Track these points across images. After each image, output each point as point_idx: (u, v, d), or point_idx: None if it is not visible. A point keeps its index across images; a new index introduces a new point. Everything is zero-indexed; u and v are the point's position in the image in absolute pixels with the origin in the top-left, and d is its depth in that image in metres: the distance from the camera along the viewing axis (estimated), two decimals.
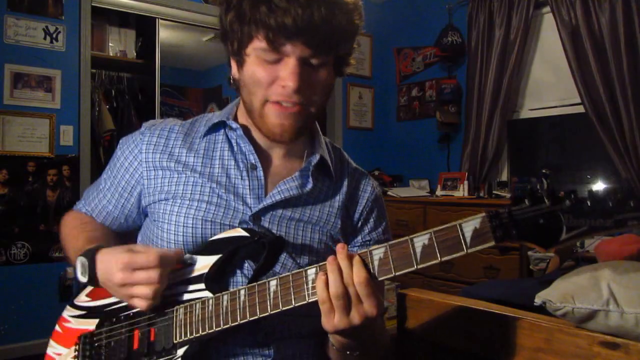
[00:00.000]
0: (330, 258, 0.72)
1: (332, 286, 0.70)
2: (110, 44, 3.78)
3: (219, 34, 0.90)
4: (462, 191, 3.61)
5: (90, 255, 0.84)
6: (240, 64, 0.87)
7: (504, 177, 3.71)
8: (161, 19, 3.62)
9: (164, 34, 3.87)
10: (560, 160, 3.68)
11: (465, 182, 3.62)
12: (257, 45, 0.81)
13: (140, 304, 0.79)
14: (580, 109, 3.14)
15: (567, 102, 3.34)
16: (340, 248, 0.72)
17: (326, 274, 0.71)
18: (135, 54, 3.88)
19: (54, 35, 3.02)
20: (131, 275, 0.78)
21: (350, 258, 0.71)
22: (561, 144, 3.67)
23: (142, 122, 1.04)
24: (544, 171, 2.93)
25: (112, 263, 0.80)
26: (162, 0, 3.48)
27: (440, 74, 4.05)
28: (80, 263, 0.85)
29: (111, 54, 3.77)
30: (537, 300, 0.97)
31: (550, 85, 3.47)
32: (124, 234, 1.04)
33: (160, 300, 0.81)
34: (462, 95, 3.84)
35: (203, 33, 4.29)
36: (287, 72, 0.80)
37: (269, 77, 0.82)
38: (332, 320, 0.72)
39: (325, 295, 0.71)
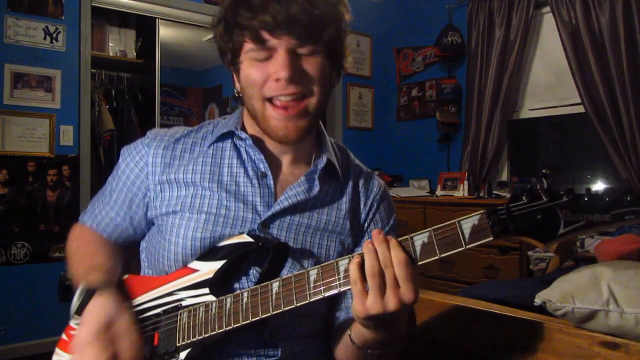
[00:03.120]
0: (366, 241, 0.71)
1: (368, 264, 0.69)
2: (110, 44, 3.78)
3: (218, 54, 0.93)
4: (462, 191, 3.61)
5: (90, 292, 0.84)
6: (237, 73, 0.90)
7: (504, 177, 3.71)
8: (161, 19, 3.62)
9: (164, 34, 3.87)
10: (560, 160, 3.68)
11: (465, 182, 3.62)
12: (247, 48, 0.85)
13: None
14: (580, 109, 3.14)
15: (567, 102, 3.34)
16: (376, 233, 0.71)
17: (360, 255, 0.71)
18: (135, 54, 3.89)
19: (54, 35, 3.02)
20: (90, 346, 0.77)
21: (387, 241, 0.70)
22: (561, 144, 3.67)
23: (142, 122, 1.03)
24: (544, 171, 2.92)
25: (92, 315, 0.80)
26: (162, 0, 3.48)
27: (440, 74, 4.05)
28: (81, 290, 0.87)
29: (111, 54, 3.77)
30: (537, 300, 0.97)
31: (550, 85, 3.47)
32: (129, 245, 1.03)
33: None
34: (462, 95, 3.84)
35: (203, 33, 4.29)
36: (277, 65, 0.82)
37: (261, 75, 0.84)
38: (364, 303, 0.69)
39: (358, 276, 0.69)
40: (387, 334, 0.77)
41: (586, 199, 0.63)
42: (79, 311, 0.83)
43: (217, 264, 0.84)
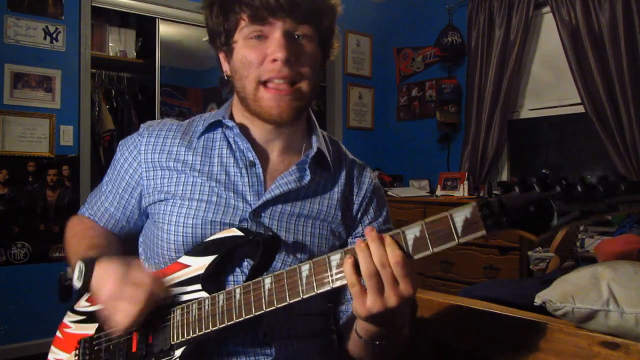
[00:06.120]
0: (358, 240, 0.71)
1: (363, 265, 0.68)
2: (110, 44, 3.78)
3: (208, 37, 0.94)
4: (462, 191, 3.61)
5: (89, 262, 0.84)
6: (230, 54, 0.90)
7: (504, 177, 3.71)
8: (161, 19, 3.62)
9: (164, 34, 3.86)
10: (560, 160, 3.68)
11: (465, 182, 3.62)
12: (244, 28, 0.86)
13: (121, 320, 0.78)
14: (580, 109, 3.14)
15: (567, 102, 3.34)
16: (369, 230, 0.70)
17: (353, 256, 0.70)
18: (135, 54, 3.88)
19: (54, 35, 3.02)
20: (121, 289, 0.77)
21: (381, 239, 0.69)
22: (561, 144, 3.67)
23: (142, 122, 1.04)
24: (544, 171, 2.92)
25: (107, 273, 0.80)
26: (162, 0, 3.48)
27: (440, 74, 4.05)
28: (78, 268, 0.85)
29: (111, 54, 3.77)
30: (537, 300, 0.97)
31: (550, 85, 3.47)
32: (128, 238, 1.03)
33: (141, 323, 0.80)
34: (462, 95, 3.84)
35: (203, 33, 4.28)
36: (274, 45, 0.84)
37: (258, 56, 0.85)
38: (364, 304, 0.69)
39: (355, 278, 0.69)
40: (391, 326, 0.78)
41: (579, 188, 0.61)
42: (83, 289, 0.83)
43: (208, 259, 0.84)
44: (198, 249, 0.86)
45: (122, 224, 1.00)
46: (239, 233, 0.84)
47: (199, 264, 0.84)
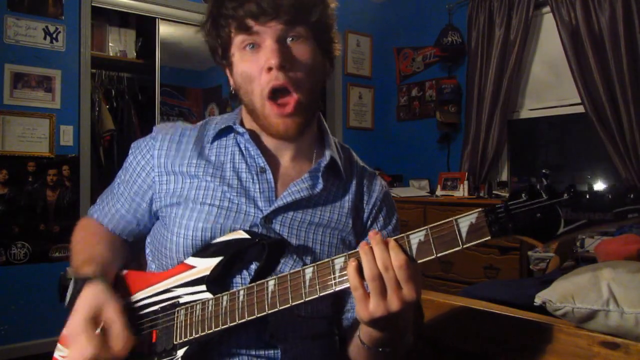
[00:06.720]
0: (362, 243, 0.71)
1: (367, 268, 0.68)
2: (110, 44, 3.78)
3: (210, 54, 0.95)
4: (462, 191, 3.61)
5: (81, 283, 0.84)
6: (231, 68, 0.91)
7: (504, 177, 3.71)
8: (161, 19, 3.63)
9: (164, 34, 3.87)
10: (560, 160, 3.68)
11: (465, 182, 3.62)
12: (236, 39, 0.86)
13: (71, 357, 0.78)
14: (580, 109, 3.14)
15: (567, 102, 3.34)
16: (373, 234, 0.71)
17: (356, 259, 0.70)
18: (135, 54, 3.89)
19: (54, 35, 3.02)
20: (79, 331, 0.78)
21: (385, 243, 0.69)
22: (561, 144, 3.67)
23: (142, 122, 1.04)
24: (544, 171, 2.92)
25: (82, 304, 0.80)
26: (162, 0, 3.48)
27: (440, 74, 4.05)
28: (72, 284, 0.86)
29: (111, 54, 3.77)
30: (537, 300, 0.97)
31: (550, 85, 3.47)
32: (136, 240, 1.03)
33: None
34: (462, 95, 3.84)
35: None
36: (266, 53, 0.84)
37: (255, 67, 0.85)
38: (367, 308, 0.69)
39: (358, 281, 0.69)
40: (394, 331, 0.77)
41: (587, 196, 0.61)
42: (71, 303, 0.83)
43: (214, 261, 0.84)
44: (204, 251, 0.86)
45: (132, 227, 1.00)
46: (245, 236, 0.84)
47: (204, 266, 0.84)
